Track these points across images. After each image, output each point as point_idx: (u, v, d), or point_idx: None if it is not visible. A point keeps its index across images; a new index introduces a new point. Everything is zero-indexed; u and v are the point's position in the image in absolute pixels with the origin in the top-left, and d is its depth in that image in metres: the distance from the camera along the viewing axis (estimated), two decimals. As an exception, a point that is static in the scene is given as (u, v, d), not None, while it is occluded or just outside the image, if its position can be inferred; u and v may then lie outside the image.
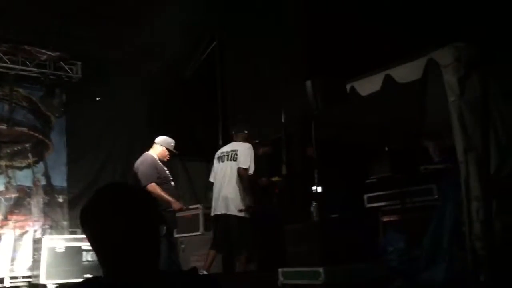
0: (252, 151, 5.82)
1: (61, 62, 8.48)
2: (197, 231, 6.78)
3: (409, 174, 5.32)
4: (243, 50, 7.97)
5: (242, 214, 5.67)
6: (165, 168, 5.90)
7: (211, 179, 6.09)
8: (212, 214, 5.95)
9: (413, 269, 4.74)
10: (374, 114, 6.20)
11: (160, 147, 5.83)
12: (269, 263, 5.68)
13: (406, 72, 4.95)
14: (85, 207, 1.48)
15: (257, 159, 5.98)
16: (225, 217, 5.73)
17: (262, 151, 6.28)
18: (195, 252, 6.66)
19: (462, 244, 4.45)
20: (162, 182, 5.66)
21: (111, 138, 9.01)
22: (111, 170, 8.95)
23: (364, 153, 6.47)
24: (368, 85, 5.30)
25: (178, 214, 7.18)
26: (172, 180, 5.97)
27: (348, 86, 5.36)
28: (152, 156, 5.80)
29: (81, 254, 7.32)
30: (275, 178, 6.29)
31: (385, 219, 5.62)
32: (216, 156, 6.07)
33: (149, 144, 6.05)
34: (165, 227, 5.34)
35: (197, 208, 6.99)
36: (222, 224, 5.77)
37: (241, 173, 5.71)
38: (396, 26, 5.70)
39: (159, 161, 5.81)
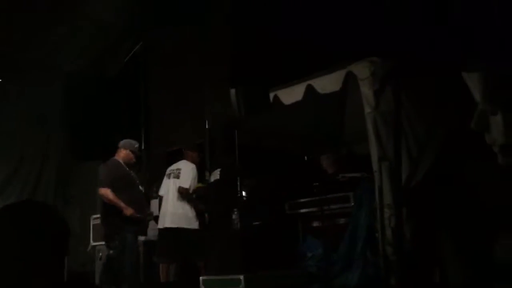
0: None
1: (-29, 59, 7.93)
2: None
3: (327, 182, 5.50)
4: (168, 54, 7.88)
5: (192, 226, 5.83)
6: (130, 172, 5.78)
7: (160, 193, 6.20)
8: (159, 226, 5.96)
9: (330, 274, 4.91)
10: (296, 122, 6.36)
11: (124, 151, 5.67)
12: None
13: (327, 83, 5.12)
14: None
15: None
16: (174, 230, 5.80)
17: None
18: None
19: (375, 249, 4.67)
20: (123, 186, 5.53)
21: (23, 141, 8.53)
22: (24, 173, 8.49)
23: (285, 160, 6.60)
24: (291, 94, 5.43)
25: (95, 222, 7.00)
26: (139, 185, 5.87)
27: (271, 95, 5.45)
28: (115, 160, 5.70)
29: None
30: (198, 185, 6.26)
31: (304, 226, 5.77)
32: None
33: (64, 146, 5.84)
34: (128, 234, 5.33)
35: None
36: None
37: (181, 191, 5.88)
38: (319, 38, 5.88)
39: (123, 166, 5.69)
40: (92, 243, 6.91)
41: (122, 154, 5.72)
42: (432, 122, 4.56)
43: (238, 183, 5.19)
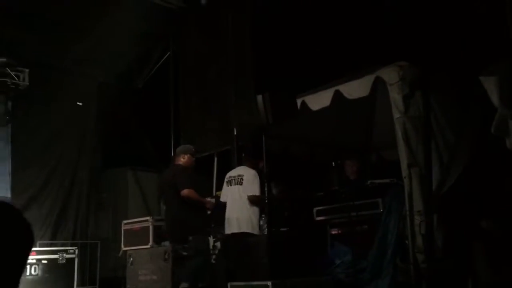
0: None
1: (7, 69, 8.19)
2: (147, 244, 6.65)
3: (356, 188, 5.44)
4: (195, 62, 7.97)
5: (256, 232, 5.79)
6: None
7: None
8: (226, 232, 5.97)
9: (359, 282, 4.84)
10: (324, 128, 6.33)
11: (185, 156, 5.83)
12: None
13: (355, 89, 5.08)
14: None
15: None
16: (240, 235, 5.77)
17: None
18: (144, 265, 6.52)
19: (405, 256, 4.59)
20: (197, 190, 5.72)
21: (58, 148, 8.75)
22: (58, 181, 8.70)
23: (312, 167, 6.57)
24: (319, 100, 5.41)
25: (126, 227, 7.11)
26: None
27: (299, 101, 5.44)
28: (182, 166, 5.83)
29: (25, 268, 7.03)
30: (218, 193, 6.29)
31: (333, 232, 5.72)
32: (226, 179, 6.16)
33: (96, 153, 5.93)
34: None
35: (146, 220, 6.85)
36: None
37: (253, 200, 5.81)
38: (346, 44, 5.86)
39: (189, 169, 5.87)
40: (124, 248, 7.00)
41: (184, 159, 5.82)
42: (462, 127, 4.47)
43: (266, 189, 5.15)
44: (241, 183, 5.89)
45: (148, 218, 6.91)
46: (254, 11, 6.81)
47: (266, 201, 5.69)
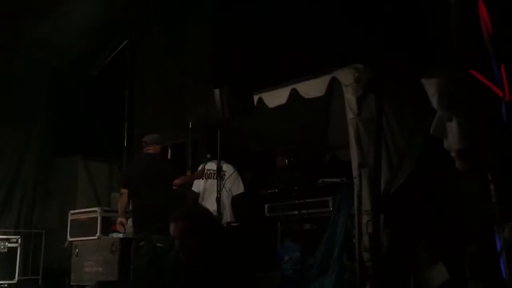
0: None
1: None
2: (94, 235, 6.50)
3: (307, 186, 5.51)
4: (152, 53, 7.86)
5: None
6: None
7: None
8: None
9: (306, 278, 4.92)
10: (280, 126, 6.38)
11: (157, 146, 5.69)
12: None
13: (311, 88, 5.14)
14: None
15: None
16: None
17: None
18: (90, 257, 6.37)
19: (352, 255, 4.70)
20: None
21: (5, 132, 8.42)
22: (3, 166, 8.39)
23: (267, 163, 6.62)
24: (275, 98, 5.45)
25: (73, 217, 6.92)
26: None
27: (256, 97, 5.46)
28: (158, 155, 5.73)
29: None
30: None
31: (283, 229, 5.77)
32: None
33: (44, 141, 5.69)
34: None
35: (95, 211, 6.70)
36: None
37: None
38: (304, 44, 5.93)
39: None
40: (70, 239, 6.82)
41: (156, 149, 5.67)
42: (412, 130, 4.61)
43: (219, 184, 5.15)
44: (222, 178, 5.93)
45: (96, 208, 6.77)
46: (215, 5, 6.78)
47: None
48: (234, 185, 6.06)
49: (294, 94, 5.20)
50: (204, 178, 6.02)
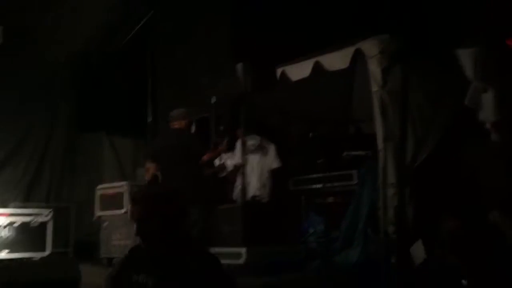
0: None
1: (-20, 25, 7.91)
2: (121, 209, 6.64)
3: (331, 160, 5.50)
4: (176, 28, 7.82)
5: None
6: None
7: None
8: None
9: (330, 251, 4.95)
10: (303, 99, 6.34)
11: (182, 122, 5.54)
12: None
13: (335, 60, 5.08)
14: None
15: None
16: None
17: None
18: (118, 230, 6.54)
19: (377, 228, 4.70)
20: None
21: (32, 110, 8.56)
22: (32, 143, 8.55)
23: (290, 137, 6.60)
24: (298, 71, 5.40)
25: (100, 192, 7.06)
26: None
27: (278, 71, 5.42)
28: (186, 130, 5.67)
29: (-3, 230, 6.99)
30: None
31: (307, 202, 5.80)
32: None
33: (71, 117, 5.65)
34: None
35: (121, 185, 6.83)
36: None
37: None
38: (327, 15, 5.82)
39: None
40: (98, 213, 6.99)
41: (182, 125, 5.55)
42: (439, 102, 4.53)
43: (242, 158, 5.17)
44: (265, 154, 6.07)
45: (123, 183, 6.90)
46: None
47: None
48: (274, 159, 6.11)
49: (317, 67, 5.15)
50: (244, 154, 6.00)
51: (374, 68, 4.63)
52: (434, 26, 4.46)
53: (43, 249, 7.32)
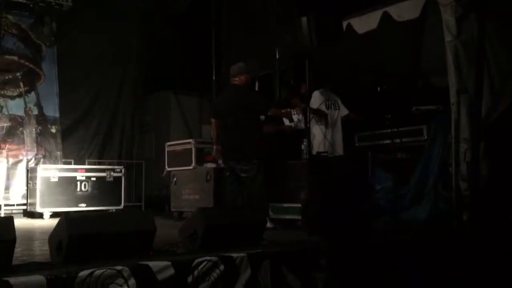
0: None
1: (51, -11, 8.18)
2: (189, 165, 6.85)
3: (400, 115, 5.34)
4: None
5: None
6: None
7: None
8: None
9: (399, 207, 4.87)
10: (370, 52, 6.13)
11: (241, 76, 5.22)
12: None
13: (405, 10, 4.87)
14: None
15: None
16: None
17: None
18: (187, 185, 6.78)
19: (447, 184, 4.55)
20: None
21: (103, 70, 8.87)
22: (103, 102, 8.90)
23: (357, 91, 6.44)
24: (365, 23, 5.22)
25: (169, 149, 7.29)
26: None
27: (344, 23, 5.26)
28: (245, 86, 5.35)
29: (76, 184, 7.44)
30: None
31: (374, 158, 5.69)
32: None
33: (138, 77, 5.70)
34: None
35: (189, 142, 7.03)
36: None
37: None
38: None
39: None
40: (167, 169, 7.25)
41: (241, 80, 5.24)
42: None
43: (309, 114, 5.09)
44: (338, 108, 5.98)
45: (190, 140, 7.10)
46: None
47: None
48: (343, 108, 6.03)
49: (385, 18, 4.95)
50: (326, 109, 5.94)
51: (448, 17, 4.39)
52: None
53: (118, 203, 7.75)
